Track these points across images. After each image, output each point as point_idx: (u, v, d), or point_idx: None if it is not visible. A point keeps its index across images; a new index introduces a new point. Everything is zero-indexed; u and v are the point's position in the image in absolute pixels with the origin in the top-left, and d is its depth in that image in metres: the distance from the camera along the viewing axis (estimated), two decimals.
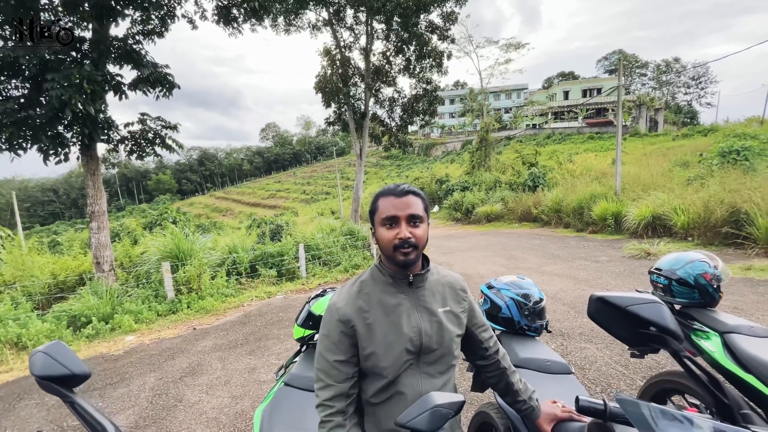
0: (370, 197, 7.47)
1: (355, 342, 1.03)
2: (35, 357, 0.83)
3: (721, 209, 7.75)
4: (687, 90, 56.42)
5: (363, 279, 1.11)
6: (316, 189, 56.87)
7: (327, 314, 1.07)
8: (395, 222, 1.03)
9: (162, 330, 5.71)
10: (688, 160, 18.81)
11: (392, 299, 1.06)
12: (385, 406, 1.04)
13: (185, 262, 7.49)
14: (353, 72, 14.17)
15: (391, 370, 1.02)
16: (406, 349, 1.02)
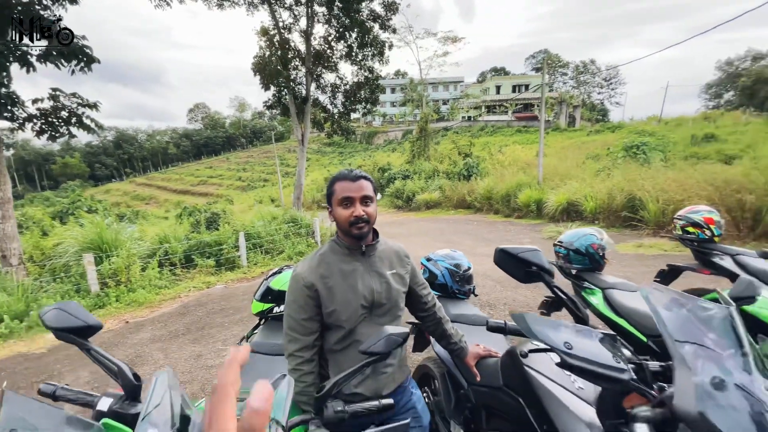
0: (313, 185, 7.68)
1: (318, 303, 1.24)
2: (50, 313, 0.90)
3: (620, 196, 9.06)
4: (600, 90, 62.83)
5: (323, 252, 1.32)
6: (253, 176, 54.26)
7: (293, 282, 1.27)
8: (351, 202, 1.24)
9: None
10: (598, 153, 21.29)
11: (348, 266, 1.28)
12: (345, 352, 1.26)
13: (110, 254, 6.96)
14: (294, 55, 13.75)
15: (349, 322, 1.25)
16: (361, 304, 1.25)
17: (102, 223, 7.60)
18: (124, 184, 68.32)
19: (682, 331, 0.82)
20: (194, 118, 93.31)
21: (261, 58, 12.93)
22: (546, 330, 0.84)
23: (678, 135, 23.17)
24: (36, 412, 0.73)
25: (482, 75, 70.42)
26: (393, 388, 1.30)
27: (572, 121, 40.60)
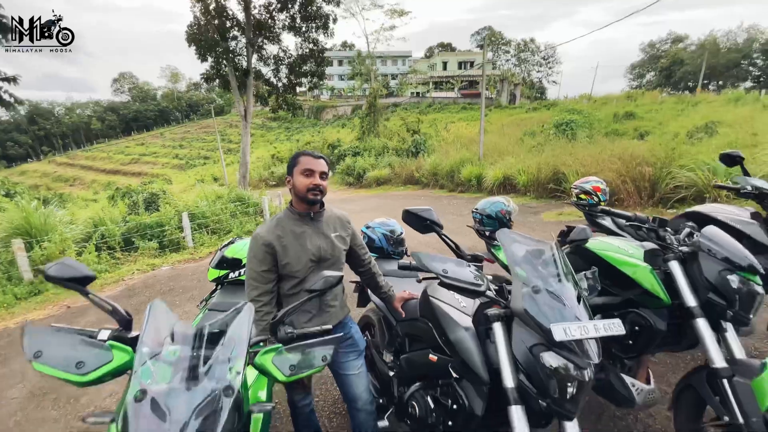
0: (259, 162, 7.83)
1: (275, 258, 1.53)
2: (53, 268, 1.08)
3: (547, 170, 10.00)
4: (539, 68, 65.90)
5: (279, 217, 1.61)
6: (191, 153, 50.78)
7: (253, 242, 1.55)
8: (311, 173, 1.54)
9: (27, 313, 5.11)
10: (534, 130, 22.75)
11: (299, 229, 1.58)
12: (296, 296, 1.57)
13: (40, 239, 6.55)
14: (232, 24, 13.01)
15: (301, 273, 1.56)
16: (310, 259, 1.56)
17: (28, 206, 7.06)
18: (43, 165, 60.89)
19: (520, 259, 1.23)
20: (120, 89, 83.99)
21: (196, 27, 12.08)
22: (432, 262, 1.20)
23: (603, 113, 25.31)
24: (55, 336, 0.95)
25: (429, 50, 70.62)
26: (335, 323, 1.64)
27: (513, 99, 42.60)
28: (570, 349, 1.07)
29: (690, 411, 1.60)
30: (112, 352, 0.98)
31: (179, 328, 0.99)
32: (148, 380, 0.86)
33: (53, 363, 0.91)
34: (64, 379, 0.91)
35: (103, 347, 0.98)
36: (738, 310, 1.50)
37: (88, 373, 0.92)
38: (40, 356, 0.91)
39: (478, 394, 1.24)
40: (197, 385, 0.87)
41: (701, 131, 13.54)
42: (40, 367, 0.90)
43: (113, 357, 0.97)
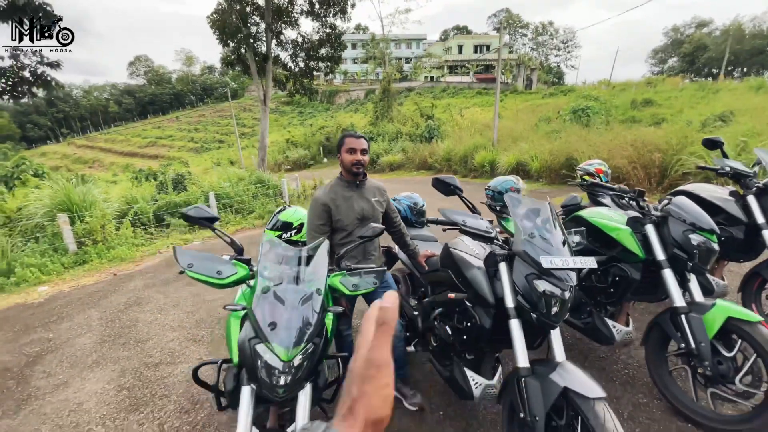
0: (274, 146, 8.47)
1: (329, 215, 1.97)
2: (191, 210, 1.52)
3: (560, 156, 10.21)
4: (557, 53, 64.27)
5: (332, 184, 2.04)
6: (206, 136, 51.56)
7: (313, 202, 2.00)
8: (354, 151, 1.95)
9: (78, 279, 5.68)
10: (550, 116, 22.59)
11: (348, 193, 2.02)
12: (345, 245, 1.99)
13: (81, 214, 7.14)
14: (252, 9, 13.29)
15: (349, 227, 2.01)
16: (356, 217, 2.00)
17: (69, 184, 7.64)
18: (62, 146, 62.55)
19: (521, 215, 1.62)
20: (136, 72, 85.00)
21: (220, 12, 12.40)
22: (454, 215, 1.60)
23: (621, 99, 24.88)
24: (198, 256, 1.39)
25: (445, 33, 69.31)
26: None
27: (529, 84, 41.88)
28: (555, 277, 1.47)
29: (657, 344, 1.99)
30: (236, 267, 1.42)
31: (287, 251, 1.41)
32: (269, 282, 1.30)
33: (201, 271, 1.35)
34: (209, 282, 1.35)
35: (231, 264, 1.42)
36: (697, 262, 1.87)
37: (224, 279, 1.36)
38: (192, 267, 1.35)
39: (486, 314, 1.65)
40: (300, 285, 1.30)
41: (718, 119, 13.43)
42: (192, 274, 1.35)
43: (237, 270, 1.41)
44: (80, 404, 2.55)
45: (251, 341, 1.24)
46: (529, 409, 1.39)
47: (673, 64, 58.53)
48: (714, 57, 48.38)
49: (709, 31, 53.33)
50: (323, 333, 1.36)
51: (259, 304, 1.25)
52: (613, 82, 37.23)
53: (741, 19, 47.97)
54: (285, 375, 1.21)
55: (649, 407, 2.02)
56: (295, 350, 1.21)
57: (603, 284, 2.19)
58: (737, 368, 1.74)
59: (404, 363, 2.18)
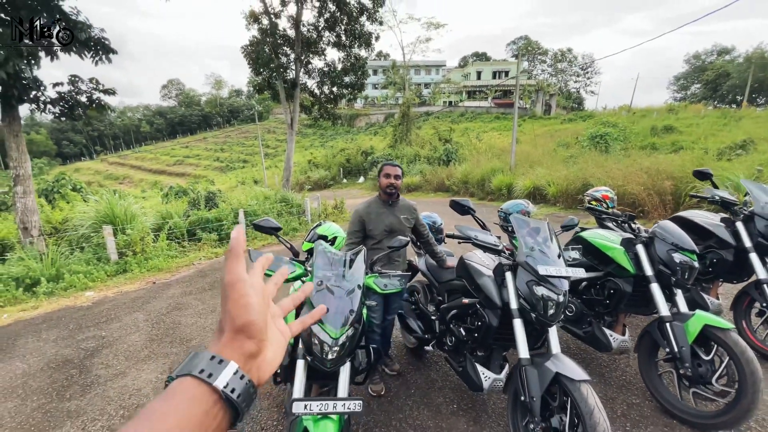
0: (296, 167, 9.18)
1: (363, 225, 2.39)
2: (260, 221, 1.94)
3: (576, 182, 10.42)
4: (577, 78, 64.72)
5: (370, 201, 2.48)
6: (231, 156, 53.66)
7: (354, 213, 2.44)
8: (389, 176, 2.40)
9: (120, 286, 6.21)
10: (568, 141, 22.80)
11: (381, 210, 2.43)
12: (375, 251, 2.38)
13: (123, 227, 7.76)
14: (283, 41, 14.30)
15: (378, 237, 2.41)
16: (384, 229, 2.39)
17: (113, 198, 8.34)
18: (95, 163, 66.11)
19: (525, 233, 1.96)
20: (168, 94, 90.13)
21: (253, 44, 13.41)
22: (468, 231, 1.96)
23: (640, 126, 24.92)
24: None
25: (464, 59, 71.04)
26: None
27: (548, 109, 42.25)
28: (551, 283, 1.79)
29: (648, 351, 2.25)
30: (296, 266, 1.81)
31: (335, 255, 1.80)
32: (321, 276, 1.68)
33: (270, 268, 1.74)
34: None
35: (291, 263, 1.81)
36: (680, 278, 2.15)
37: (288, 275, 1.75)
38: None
39: (494, 315, 1.98)
40: (345, 280, 1.67)
41: (738, 147, 13.40)
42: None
43: (296, 269, 1.80)
44: (139, 389, 2.94)
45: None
46: (528, 391, 1.69)
47: (695, 90, 58.04)
48: (737, 84, 47.86)
49: (731, 58, 52.96)
50: (361, 321, 1.71)
51: (316, 295, 1.63)
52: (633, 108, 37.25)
53: (764, 47, 47.56)
54: (333, 350, 1.56)
55: (640, 407, 2.26)
56: (342, 330, 1.57)
57: (600, 297, 2.48)
58: (714, 370, 1.99)
59: (389, 339, 2.66)
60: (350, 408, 1.48)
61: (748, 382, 1.85)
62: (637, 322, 3.34)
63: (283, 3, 14.04)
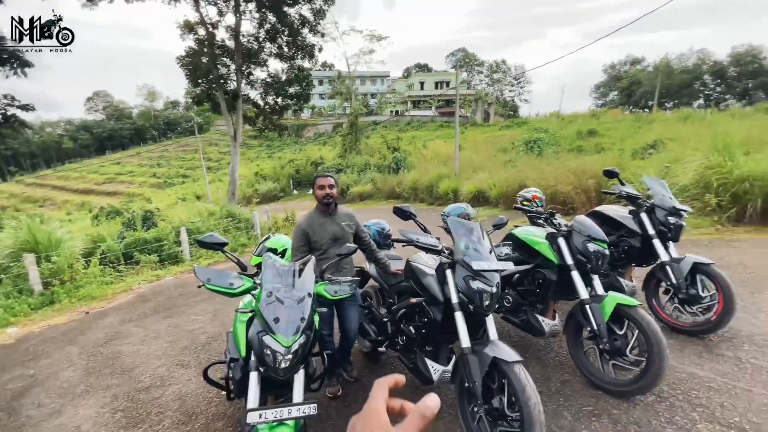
0: (242, 180, 9.21)
1: (307, 238, 2.45)
2: (204, 237, 1.91)
3: (515, 184, 11.17)
4: (511, 88, 69.36)
5: (310, 214, 2.54)
6: (170, 171, 50.46)
7: (296, 229, 2.48)
8: (323, 187, 2.47)
9: (48, 319, 5.64)
10: (506, 147, 24.31)
11: (322, 220, 2.51)
12: (322, 261, 2.42)
13: (48, 254, 7.08)
14: (222, 52, 13.90)
15: (324, 246, 2.47)
16: (329, 238, 2.47)
17: (34, 224, 7.57)
18: (9, 185, 58.86)
19: (461, 234, 2.15)
20: (94, 107, 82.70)
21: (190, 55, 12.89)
22: (410, 235, 2.11)
23: (568, 130, 27.24)
24: (215, 272, 1.79)
25: (407, 70, 73.13)
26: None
27: (487, 117, 44.80)
28: (485, 277, 1.98)
29: (574, 332, 2.54)
30: (244, 281, 1.83)
31: (284, 266, 1.84)
32: (272, 288, 1.72)
33: (218, 284, 1.75)
34: (224, 292, 1.75)
35: (239, 277, 1.83)
36: (594, 264, 2.46)
37: (236, 289, 1.77)
38: (210, 281, 1.75)
39: (438, 311, 2.13)
40: (295, 290, 1.73)
41: (650, 147, 15.17)
42: (210, 287, 1.74)
43: (245, 283, 1.82)
44: (78, 426, 2.72)
45: (259, 334, 1.64)
46: (470, 377, 1.85)
47: (613, 97, 64.56)
48: (648, 91, 54.03)
49: (642, 67, 59.82)
50: (313, 328, 1.77)
51: (265, 306, 1.67)
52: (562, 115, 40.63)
53: (669, 57, 54.43)
54: (285, 358, 1.61)
55: (572, 383, 2.54)
56: (293, 338, 1.62)
57: (532, 287, 2.75)
58: (627, 343, 2.30)
59: (349, 358, 2.75)
60: (305, 412, 1.54)
61: (655, 351, 2.16)
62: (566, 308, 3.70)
63: (220, 13, 13.68)
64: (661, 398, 2.34)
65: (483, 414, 1.89)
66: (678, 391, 2.39)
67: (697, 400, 2.30)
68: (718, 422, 2.12)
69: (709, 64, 52.58)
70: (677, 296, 2.96)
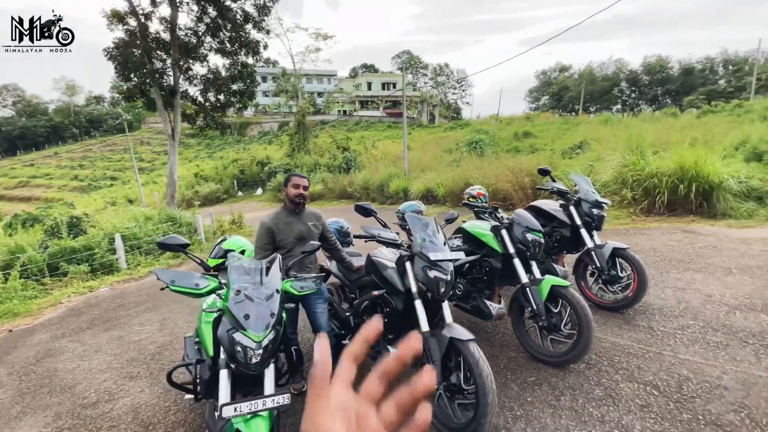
0: (181, 181, 9.00)
1: (272, 236, 2.47)
2: (165, 239, 1.86)
3: (460, 183, 11.77)
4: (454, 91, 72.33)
5: (277, 211, 2.56)
6: (95, 173, 45.90)
7: (260, 226, 2.49)
8: (298, 186, 2.50)
9: None
10: (451, 147, 25.34)
11: (289, 219, 2.54)
12: (287, 259, 2.47)
13: None
14: (157, 45, 12.98)
15: (289, 245, 2.51)
16: (295, 237, 2.51)
17: None
18: None
19: (417, 228, 2.33)
20: (2, 102, 72.61)
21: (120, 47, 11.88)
22: (371, 230, 2.25)
23: (506, 132, 29.06)
24: (178, 273, 1.79)
25: (354, 70, 73.15)
26: None
27: (432, 119, 46.27)
28: (440, 267, 2.17)
29: (517, 313, 2.85)
30: (209, 281, 1.85)
31: (251, 264, 1.88)
32: (239, 286, 1.76)
33: (183, 285, 1.75)
34: (190, 293, 1.76)
35: (204, 278, 1.84)
36: (533, 252, 2.78)
37: (202, 289, 1.78)
38: (174, 283, 1.74)
39: (399, 300, 2.30)
40: (263, 287, 1.78)
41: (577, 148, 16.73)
42: (175, 288, 1.74)
43: (210, 283, 1.84)
44: None
45: (229, 332, 1.68)
46: (430, 357, 2.04)
47: (545, 101, 69.86)
48: (575, 96, 59.19)
49: (569, 74, 65.37)
50: (282, 323, 1.84)
51: (234, 303, 1.71)
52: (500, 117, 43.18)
53: (592, 65, 59.97)
54: (256, 353, 1.67)
55: (517, 359, 2.85)
56: (264, 333, 1.68)
57: (480, 275, 3.03)
58: (562, 319, 2.64)
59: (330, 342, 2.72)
60: (279, 402, 1.61)
61: (584, 324, 2.51)
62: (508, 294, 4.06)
63: (153, 3, 12.75)
64: (590, 365, 2.71)
65: (442, 391, 2.08)
66: (603, 358, 2.78)
67: (619, 365, 2.70)
68: (636, 381, 2.52)
69: (625, 72, 58.86)
70: (601, 278, 3.41)
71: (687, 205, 6.82)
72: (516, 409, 2.36)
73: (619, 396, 2.39)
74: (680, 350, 2.80)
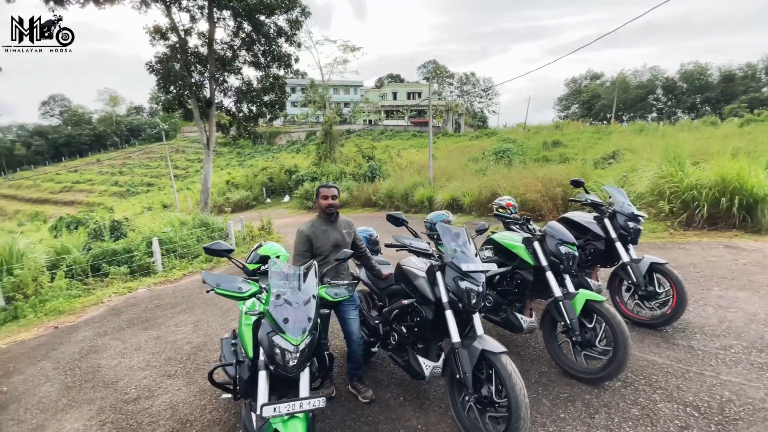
0: (213, 188, 9.34)
1: (311, 244, 2.56)
2: (211, 244, 1.99)
3: (487, 192, 11.64)
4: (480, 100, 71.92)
5: (313, 221, 2.66)
6: (133, 179, 48.42)
7: (298, 234, 2.59)
8: (327, 198, 2.60)
9: (13, 335, 5.37)
10: (477, 156, 25.12)
11: (324, 227, 2.64)
12: (324, 265, 2.55)
13: (9, 267, 6.76)
14: (195, 59, 13.69)
15: (326, 252, 2.59)
16: (331, 244, 2.60)
17: None
18: None
19: (448, 238, 2.35)
20: (49, 112, 78.09)
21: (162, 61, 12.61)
22: (403, 240, 2.29)
23: (534, 141, 28.51)
24: (223, 277, 1.89)
25: (380, 80, 74.16)
26: None
27: (458, 127, 46.06)
28: (472, 278, 2.18)
29: (549, 327, 2.79)
30: (251, 285, 1.94)
31: (290, 269, 1.96)
32: (278, 290, 1.84)
33: (227, 288, 1.85)
34: (234, 296, 1.85)
35: (246, 282, 1.94)
36: (566, 265, 2.74)
37: (245, 293, 1.87)
38: (219, 286, 1.84)
39: (429, 310, 2.31)
40: (301, 292, 1.85)
41: (610, 158, 16.21)
42: (220, 291, 1.84)
43: (252, 287, 1.93)
44: None
45: (269, 334, 1.75)
46: (461, 369, 2.04)
47: (575, 109, 68.19)
48: (606, 104, 57.48)
49: (601, 82, 63.64)
50: (318, 328, 1.90)
51: (274, 307, 1.78)
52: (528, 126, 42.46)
53: (625, 72, 58.19)
54: (294, 356, 1.73)
55: (548, 374, 2.78)
56: (302, 338, 1.75)
57: (510, 287, 3.00)
58: (596, 335, 2.57)
59: (362, 365, 2.78)
60: (316, 405, 1.67)
61: (620, 341, 2.43)
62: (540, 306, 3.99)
63: (192, 20, 13.50)
64: (626, 383, 2.62)
65: (473, 403, 2.08)
66: (640, 376, 2.68)
67: (657, 384, 2.59)
68: (675, 401, 2.41)
69: (661, 80, 56.68)
70: (637, 293, 3.29)
71: (729, 219, 6.47)
72: (548, 425, 2.31)
73: (657, 416, 2.29)
74: (722, 371, 2.66)
